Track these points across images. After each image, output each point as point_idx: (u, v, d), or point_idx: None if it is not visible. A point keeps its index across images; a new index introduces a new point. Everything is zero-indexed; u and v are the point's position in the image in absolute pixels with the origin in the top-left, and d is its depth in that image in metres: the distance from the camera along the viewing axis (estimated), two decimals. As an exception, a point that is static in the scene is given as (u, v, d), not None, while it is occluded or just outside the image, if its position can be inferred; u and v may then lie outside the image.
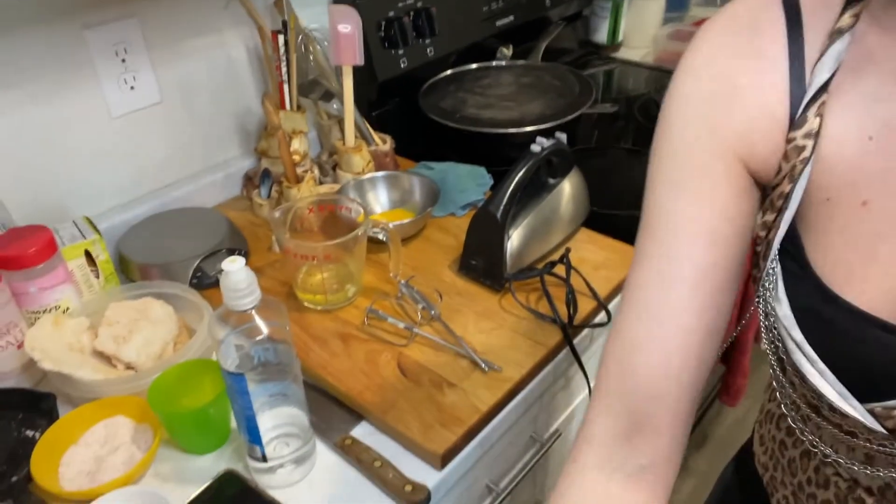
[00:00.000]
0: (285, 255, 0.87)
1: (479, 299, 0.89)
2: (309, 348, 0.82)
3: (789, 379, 0.50)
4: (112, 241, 0.96)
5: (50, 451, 0.69)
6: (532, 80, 1.36)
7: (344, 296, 0.88)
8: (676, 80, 0.50)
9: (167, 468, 0.71)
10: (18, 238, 0.77)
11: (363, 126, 1.13)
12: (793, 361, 0.47)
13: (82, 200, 0.97)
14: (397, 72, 1.22)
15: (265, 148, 1.11)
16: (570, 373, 0.93)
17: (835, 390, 0.44)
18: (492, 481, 0.84)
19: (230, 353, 0.61)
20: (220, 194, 1.12)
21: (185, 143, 1.08)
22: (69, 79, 0.91)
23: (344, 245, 0.84)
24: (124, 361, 0.77)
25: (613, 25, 1.68)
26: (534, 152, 0.89)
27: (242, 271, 0.58)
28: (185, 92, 1.04)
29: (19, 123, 0.88)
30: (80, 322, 0.80)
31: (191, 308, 0.85)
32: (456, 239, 1.00)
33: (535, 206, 0.92)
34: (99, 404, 0.73)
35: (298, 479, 0.69)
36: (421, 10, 1.23)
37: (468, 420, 0.72)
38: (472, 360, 0.79)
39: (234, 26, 1.07)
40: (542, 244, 0.93)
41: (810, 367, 0.45)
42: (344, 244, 0.84)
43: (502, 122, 1.20)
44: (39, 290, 0.78)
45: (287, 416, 0.67)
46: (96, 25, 0.91)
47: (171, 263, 0.91)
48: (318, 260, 0.85)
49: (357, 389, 0.76)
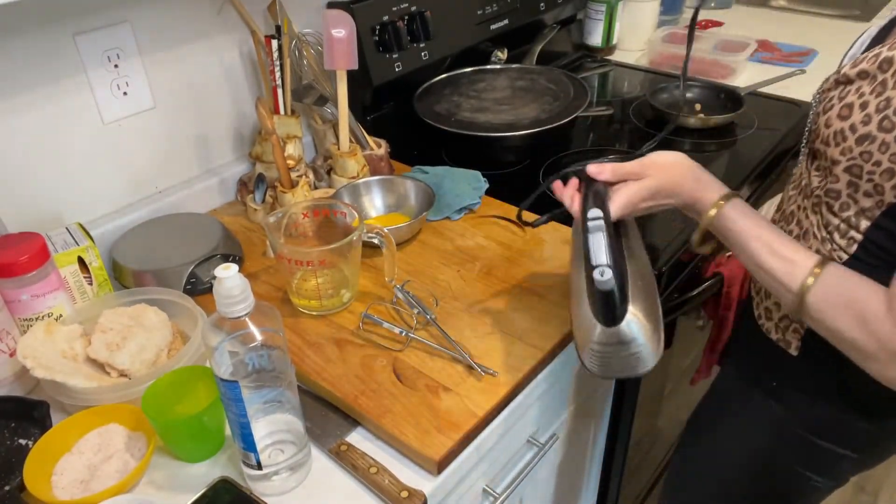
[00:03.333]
0: (279, 260, 0.86)
1: (475, 303, 0.88)
2: (304, 354, 0.82)
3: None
4: (105, 247, 0.96)
5: (43, 459, 0.69)
6: (527, 84, 1.36)
7: (339, 301, 0.88)
8: None
9: (161, 476, 0.71)
10: (10, 245, 0.77)
11: (358, 130, 1.13)
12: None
13: (75, 207, 0.97)
14: (392, 76, 1.21)
15: (259, 153, 1.10)
16: (565, 376, 0.93)
17: None
18: (489, 486, 0.84)
19: (224, 360, 0.61)
20: (214, 199, 1.12)
21: (178, 148, 1.07)
22: (61, 85, 0.90)
23: (338, 250, 0.84)
24: (118, 369, 0.77)
25: (608, 28, 1.68)
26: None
27: (235, 278, 0.58)
28: (179, 97, 1.04)
29: (11, 130, 0.87)
30: (73, 329, 0.79)
31: (185, 314, 0.84)
32: (451, 243, 1.00)
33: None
34: (92, 412, 0.73)
35: (294, 486, 0.69)
36: (415, 14, 1.23)
37: (464, 425, 0.72)
38: (468, 365, 0.78)
39: (228, 31, 1.07)
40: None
41: None
42: (338, 249, 0.83)
43: (497, 126, 1.20)
44: (32, 297, 0.78)
45: (282, 423, 0.67)
46: (88, 31, 0.90)
47: (164, 269, 0.91)
48: (313, 265, 0.84)
49: (352, 395, 0.76)
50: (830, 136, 0.68)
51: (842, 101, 0.67)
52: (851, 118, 0.66)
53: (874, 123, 0.63)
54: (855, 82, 0.67)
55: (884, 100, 0.63)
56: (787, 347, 0.80)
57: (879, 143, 0.63)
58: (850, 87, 0.67)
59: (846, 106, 0.67)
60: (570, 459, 1.11)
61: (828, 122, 0.69)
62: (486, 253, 0.98)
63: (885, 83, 0.63)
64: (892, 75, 0.62)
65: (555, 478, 1.08)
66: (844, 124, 0.66)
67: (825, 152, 0.70)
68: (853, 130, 0.65)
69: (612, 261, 0.68)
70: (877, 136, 0.63)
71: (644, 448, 1.35)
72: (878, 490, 1.81)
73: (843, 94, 0.68)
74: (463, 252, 0.99)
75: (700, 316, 1.25)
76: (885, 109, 0.62)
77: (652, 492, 1.53)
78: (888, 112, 0.62)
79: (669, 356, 1.22)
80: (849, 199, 0.69)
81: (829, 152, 0.69)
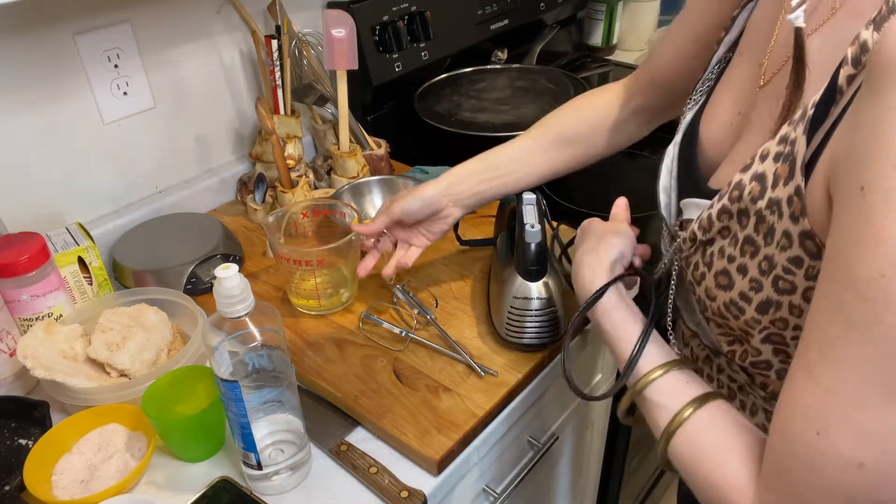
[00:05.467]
0: (279, 260, 0.86)
1: (475, 304, 0.88)
2: (304, 354, 0.82)
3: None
4: (105, 247, 0.96)
5: (43, 459, 0.69)
6: (527, 84, 1.36)
7: (338, 300, 0.88)
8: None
9: (161, 476, 0.71)
10: (10, 245, 0.77)
11: (358, 130, 1.13)
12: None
13: (75, 206, 0.97)
14: (392, 76, 1.21)
15: (259, 153, 1.10)
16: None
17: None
18: (489, 486, 0.83)
19: (224, 360, 0.61)
20: (214, 199, 1.12)
21: (178, 148, 1.07)
22: (61, 85, 0.90)
23: (337, 250, 0.84)
24: (118, 369, 0.77)
25: (608, 28, 1.68)
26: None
27: (235, 278, 0.58)
28: (179, 97, 1.04)
29: (11, 130, 0.87)
30: (74, 329, 0.79)
31: (185, 314, 0.84)
32: (452, 243, 1.00)
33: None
34: (92, 412, 0.73)
35: (294, 486, 0.69)
36: (415, 14, 1.23)
37: (464, 425, 0.72)
38: (468, 365, 0.78)
39: (228, 31, 1.07)
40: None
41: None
42: (338, 249, 0.83)
43: (497, 126, 1.20)
44: (32, 297, 0.78)
45: (282, 423, 0.67)
46: (88, 31, 0.90)
47: (165, 269, 0.91)
48: (312, 265, 0.84)
49: (352, 395, 0.76)
50: (721, 308, 0.55)
51: (710, 267, 0.55)
52: (735, 287, 0.53)
53: (768, 288, 0.50)
54: (716, 241, 0.54)
55: (763, 259, 0.50)
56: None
57: (787, 307, 0.49)
58: (711, 248, 0.55)
59: (720, 274, 0.54)
60: (570, 459, 1.11)
61: (709, 294, 0.56)
62: (486, 252, 0.98)
63: (752, 241, 0.50)
64: (755, 230, 0.50)
65: (555, 478, 1.08)
66: (731, 295, 0.53)
67: (727, 325, 0.57)
68: (746, 300, 0.52)
69: (540, 224, 0.77)
70: (780, 301, 0.49)
71: (644, 448, 1.35)
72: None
73: (707, 260, 0.55)
74: (463, 252, 0.98)
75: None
76: (771, 271, 0.49)
77: (652, 492, 1.53)
78: (777, 272, 0.49)
79: (669, 356, 1.22)
80: (784, 366, 0.54)
81: (732, 324, 0.55)
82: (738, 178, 0.51)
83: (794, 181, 0.46)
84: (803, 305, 0.48)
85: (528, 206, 0.81)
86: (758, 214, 0.49)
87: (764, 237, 0.49)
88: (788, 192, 0.46)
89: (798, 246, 0.46)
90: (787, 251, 0.47)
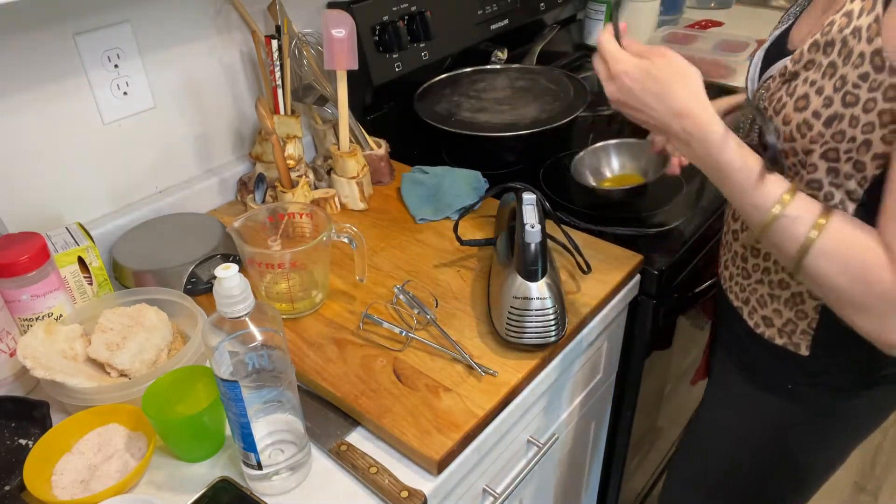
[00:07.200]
0: (249, 265, 0.85)
1: (475, 304, 0.88)
2: (304, 354, 0.82)
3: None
4: (105, 247, 0.96)
5: (43, 459, 0.69)
6: (527, 84, 1.36)
7: (311, 302, 0.88)
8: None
9: (161, 476, 0.71)
10: (11, 245, 0.77)
11: (358, 130, 1.13)
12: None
13: (75, 206, 0.97)
14: (392, 76, 1.21)
15: (259, 153, 1.10)
16: (566, 376, 0.93)
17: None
18: (489, 486, 0.83)
19: (224, 360, 0.61)
20: (214, 199, 1.12)
21: (178, 148, 1.07)
22: (61, 85, 0.90)
23: (306, 252, 0.83)
24: (118, 369, 0.77)
25: (608, 28, 1.68)
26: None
27: (235, 278, 0.58)
28: (179, 97, 1.04)
29: (11, 130, 0.87)
30: (74, 329, 0.79)
31: (185, 314, 0.84)
32: (451, 243, 1.00)
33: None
34: (92, 412, 0.73)
35: (294, 486, 0.69)
36: (415, 14, 1.22)
37: (464, 425, 0.72)
38: (468, 365, 0.78)
39: (228, 31, 1.07)
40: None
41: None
42: (308, 251, 0.83)
43: (497, 126, 1.20)
44: (32, 297, 0.78)
45: (282, 423, 0.67)
46: (88, 31, 0.90)
47: (165, 269, 0.91)
48: (284, 268, 0.83)
49: (352, 395, 0.76)
50: (794, 130, 0.68)
51: (793, 95, 0.67)
52: (811, 106, 0.65)
53: (837, 103, 0.63)
54: (801, 74, 0.67)
55: (839, 79, 0.63)
56: (796, 350, 0.79)
57: (849, 118, 0.63)
58: (795, 81, 0.67)
59: (800, 98, 0.66)
60: (570, 459, 1.11)
61: (786, 119, 0.68)
62: (486, 252, 0.98)
63: (834, 64, 0.63)
64: (838, 54, 0.63)
65: (555, 478, 1.08)
66: (805, 114, 0.66)
67: (793, 148, 0.69)
68: (817, 116, 0.65)
69: (540, 224, 0.79)
70: (844, 114, 0.63)
71: (644, 448, 1.35)
72: (878, 490, 1.81)
73: (791, 90, 0.68)
74: (463, 252, 0.98)
75: (700, 316, 1.25)
76: (843, 87, 0.63)
77: (652, 492, 1.53)
78: (847, 88, 0.62)
79: (669, 356, 1.22)
80: (832, 188, 0.68)
81: (797, 146, 0.68)
82: (831, 17, 0.64)
83: (875, 10, 0.60)
84: (861, 116, 0.62)
85: (528, 206, 0.81)
86: (843, 41, 0.62)
87: (843, 60, 0.62)
88: (869, 21, 0.60)
89: (868, 63, 0.60)
90: (858, 68, 0.61)
